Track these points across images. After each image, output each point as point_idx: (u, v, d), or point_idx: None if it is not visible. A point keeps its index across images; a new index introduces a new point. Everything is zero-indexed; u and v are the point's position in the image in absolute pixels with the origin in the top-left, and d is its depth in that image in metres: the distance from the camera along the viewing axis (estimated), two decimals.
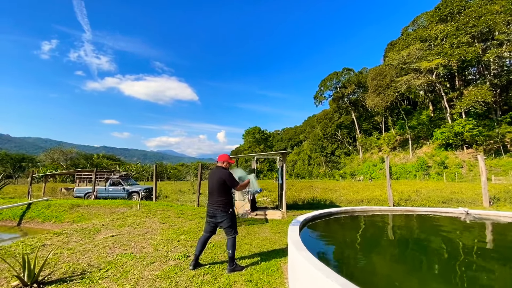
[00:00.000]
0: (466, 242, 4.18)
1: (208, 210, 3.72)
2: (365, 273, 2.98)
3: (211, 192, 3.70)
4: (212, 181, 3.70)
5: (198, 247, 3.69)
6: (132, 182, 16.17)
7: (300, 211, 9.26)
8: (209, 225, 3.71)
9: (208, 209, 3.72)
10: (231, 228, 3.64)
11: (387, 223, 5.72)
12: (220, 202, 3.62)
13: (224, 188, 3.66)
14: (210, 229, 3.73)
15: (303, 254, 2.71)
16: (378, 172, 47.20)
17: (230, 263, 3.60)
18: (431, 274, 2.87)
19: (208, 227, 3.72)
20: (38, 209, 10.61)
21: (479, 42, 35.28)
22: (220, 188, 3.64)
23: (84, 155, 56.73)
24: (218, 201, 3.62)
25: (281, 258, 4.13)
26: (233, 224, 3.68)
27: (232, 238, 3.62)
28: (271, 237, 5.62)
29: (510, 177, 25.70)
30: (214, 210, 3.63)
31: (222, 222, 3.62)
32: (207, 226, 3.74)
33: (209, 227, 3.72)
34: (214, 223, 3.69)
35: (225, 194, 3.68)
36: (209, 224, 3.71)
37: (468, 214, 5.83)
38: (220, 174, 3.67)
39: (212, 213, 3.65)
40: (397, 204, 10.09)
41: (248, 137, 77.20)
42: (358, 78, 61.56)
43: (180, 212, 8.62)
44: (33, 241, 4.86)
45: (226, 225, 3.62)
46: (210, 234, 3.74)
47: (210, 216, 3.68)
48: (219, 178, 3.64)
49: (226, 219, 3.61)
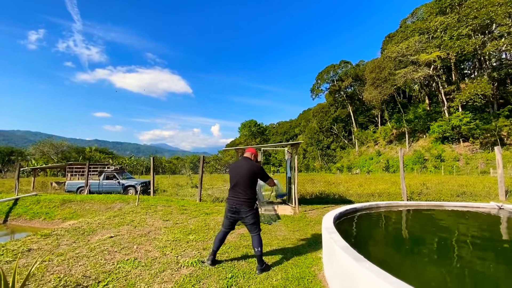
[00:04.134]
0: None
1: (230, 205, 3.35)
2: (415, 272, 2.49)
3: (236, 185, 3.34)
4: (240, 173, 3.34)
5: (216, 243, 3.44)
6: (128, 175, 15.38)
7: (311, 205, 8.72)
8: (228, 221, 3.41)
9: (230, 203, 3.35)
10: (256, 225, 3.35)
11: (420, 218, 5.21)
12: (246, 196, 3.29)
13: (253, 181, 3.36)
14: (230, 225, 3.44)
15: (364, 265, 2.12)
16: (375, 165, 47.24)
17: (260, 263, 3.28)
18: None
19: (228, 223, 3.42)
20: (26, 205, 9.79)
21: (479, 34, 34.97)
22: (249, 181, 3.31)
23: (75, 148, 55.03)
24: (244, 196, 3.29)
25: (313, 263, 3.53)
26: (258, 220, 3.39)
27: (257, 235, 3.34)
28: (290, 236, 5.02)
29: (508, 170, 25.79)
30: (238, 205, 3.29)
31: (246, 218, 3.32)
32: (226, 221, 3.42)
33: (229, 222, 3.42)
34: (236, 219, 3.40)
35: (252, 188, 3.37)
36: (229, 220, 3.41)
37: (501, 208, 5.36)
38: (249, 166, 3.35)
39: (236, 209, 3.31)
40: (410, 198, 9.64)
41: (244, 130, 76.36)
42: (355, 71, 61.05)
43: (182, 208, 7.97)
44: (16, 246, 4.13)
45: (250, 221, 3.32)
46: (229, 230, 3.48)
47: (233, 211, 3.34)
48: (249, 170, 3.32)
49: (250, 215, 3.31)
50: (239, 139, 77.78)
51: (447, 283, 2.50)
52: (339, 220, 4.32)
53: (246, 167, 3.35)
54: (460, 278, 2.62)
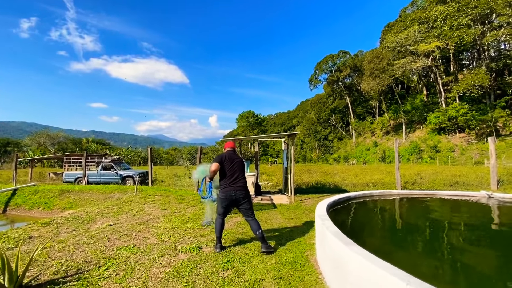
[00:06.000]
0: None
1: (230, 195, 3.55)
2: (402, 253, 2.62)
3: (234, 175, 3.62)
4: (237, 164, 3.68)
5: (218, 229, 3.63)
6: (125, 166, 15.44)
7: (307, 195, 8.87)
8: (225, 209, 3.66)
9: (230, 193, 3.55)
10: (252, 210, 3.67)
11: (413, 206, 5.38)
12: (244, 184, 3.65)
13: (244, 171, 3.78)
14: (226, 212, 3.72)
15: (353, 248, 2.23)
16: (372, 156, 47.66)
17: (264, 242, 3.52)
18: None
19: (224, 211, 3.66)
20: (24, 195, 9.85)
21: (478, 24, 34.68)
22: (243, 170, 3.74)
23: (72, 139, 54.75)
24: (243, 184, 3.63)
25: (306, 249, 3.66)
26: (252, 205, 3.74)
27: (254, 219, 3.63)
28: (285, 224, 5.16)
29: (502, 160, 26.18)
30: (239, 194, 3.56)
31: (244, 203, 3.62)
32: (223, 210, 3.64)
33: (225, 210, 3.68)
34: (234, 206, 3.69)
35: (245, 177, 3.75)
36: (226, 209, 3.66)
37: (491, 197, 5.52)
38: (241, 158, 3.82)
39: (236, 197, 3.56)
40: (404, 187, 9.83)
41: (242, 121, 76.13)
42: (354, 61, 60.64)
43: (180, 198, 8.08)
44: (17, 233, 4.22)
45: (248, 206, 3.63)
46: (226, 216, 3.75)
47: (233, 200, 3.57)
48: (242, 161, 3.75)
49: (247, 200, 3.64)
50: (237, 130, 77.72)
51: (435, 266, 2.64)
52: (333, 208, 4.45)
53: (239, 159, 3.73)
54: (447, 261, 2.76)
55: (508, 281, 2.33)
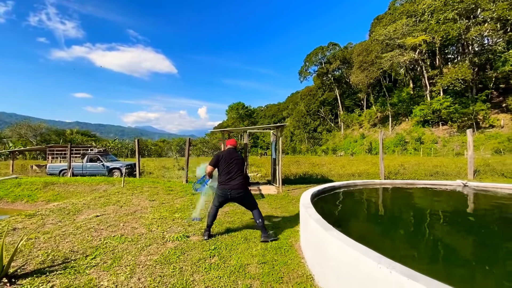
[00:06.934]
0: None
1: (225, 193, 3.64)
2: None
3: (230, 173, 3.66)
4: (235, 161, 3.71)
5: (210, 218, 3.73)
6: (112, 158, 15.16)
7: (294, 185, 9.08)
8: (220, 203, 3.77)
9: (226, 192, 3.63)
10: (254, 202, 3.80)
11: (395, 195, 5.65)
12: (241, 182, 3.68)
13: (243, 169, 3.79)
14: (222, 204, 3.80)
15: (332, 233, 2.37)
16: (359, 148, 48.67)
17: (264, 232, 3.65)
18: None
19: (220, 204, 3.77)
20: (6, 187, 9.58)
21: (464, 19, 35.46)
22: (242, 168, 3.76)
23: (55, 131, 52.84)
24: (239, 182, 3.66)
25: (291, 236, 3.81)
26: (253, 197, 3.88)
27: (256, 209, 3.75)
28: (272, 212, 5.31)
29: (481, 152, 27.40)
30: (234, 193, 3.62)
31: (242, 200, 3.75)
32: (219, 203, 3.75)
33: (222, 203, 3.78)
34: (227, 201, 3.78)
35: (242, 175, 3.78)
36: (222, 203, 3.77)
37: (466, 186, 5.86)
38: (240, 155, 3.85)
39: (232, 196, 3.64)
40: (387, 177, 10.20)
41: (231, 113, 75.60)
42: (343, 53, 60.89)
43: (168, 189, 8.09)
44: (1, 225, 4.16)
45: (249, 200, 3.77)
46: (220, 207, 3.83)
47: (229, 198, 3.68)
48: (241, 159, 3.79)
49: (245, 197, 3.73)
50: (227, 122, 77.19)
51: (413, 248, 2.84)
52: (317, 197, 4.62)
53: (239, 156, 3.81)
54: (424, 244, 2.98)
55: (477, 260, 2.56)
